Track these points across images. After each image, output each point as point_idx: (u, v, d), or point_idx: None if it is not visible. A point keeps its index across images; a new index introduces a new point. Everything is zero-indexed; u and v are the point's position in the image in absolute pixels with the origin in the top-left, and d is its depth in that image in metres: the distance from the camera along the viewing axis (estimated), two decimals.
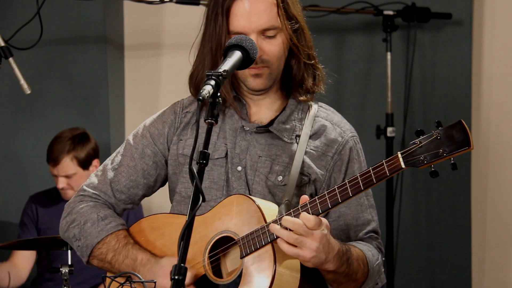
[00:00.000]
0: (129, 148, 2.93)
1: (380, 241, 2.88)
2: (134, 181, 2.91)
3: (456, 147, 2.38)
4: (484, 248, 5.36)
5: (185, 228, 2.26)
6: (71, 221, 2.89)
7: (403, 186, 5.20)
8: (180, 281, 2.22)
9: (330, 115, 2.89)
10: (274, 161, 2.79)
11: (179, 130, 2.89)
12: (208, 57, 2.79)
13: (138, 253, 2.80)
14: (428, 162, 2.41)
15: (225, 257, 2.74)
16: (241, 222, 2.66)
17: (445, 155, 2.39)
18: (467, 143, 2.36)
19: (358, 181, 2.51)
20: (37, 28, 3.76)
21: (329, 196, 2.55)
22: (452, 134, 2.38)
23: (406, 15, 5.21)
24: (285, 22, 2.75)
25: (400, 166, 2.45)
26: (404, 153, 2.44)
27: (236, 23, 2.73)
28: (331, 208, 2.56)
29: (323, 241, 2.55)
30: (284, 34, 2.76)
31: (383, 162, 2.47)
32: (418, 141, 2.43)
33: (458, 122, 2.39)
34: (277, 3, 2.75)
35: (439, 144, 2.40)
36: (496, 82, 5.32)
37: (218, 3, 2.76)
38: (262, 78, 2.77)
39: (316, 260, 2.57)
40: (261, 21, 2.72)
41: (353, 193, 2.52)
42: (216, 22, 2.75)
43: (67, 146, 4.71)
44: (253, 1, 2.73)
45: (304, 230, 2.53)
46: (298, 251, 2.55)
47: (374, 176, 2.48)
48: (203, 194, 2.27)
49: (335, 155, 2.83)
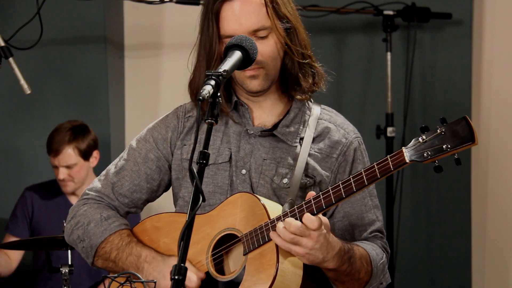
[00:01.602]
0: (132, 153, 2.93)
1: (386, 241, 2.89)
2: (137, 185, 2.91)
3: (460, 142, 2.39)
4: (484, 248, 5.36)
5: (185, 228, 2.26)
6: (75, 223, 2.90)
7: (403, 186, 5.20)
8: (180, 281, 2.23)
9: (333, 117, 2.90)
10: (279, 163, 2.80)
11: (183, 135, 2.90)
12: (203, 64, 2.80)
13: (142, 250, 2.81)
14: (432, 157, 2.43)
15: (229, 255, 2.74)
16: (246, 219, 2.67)
17: (449, 150, 2.40)
18: (472, 138, 2.37)
19: (362, 176, 2.52)
20: (37, 28, 3.76)
21: (333, 192, 2.56)
22: (457, 130, 2.40)
23: (406, 15, 5.21)
24: (276, 21, 2.75)
25: (405, 161, 2.46)
26: (409, 148, 2.45)
27: (226, 27, 2.73)
28: (334, 203, 2.56)
29: (320, 240, 2.55)
30: (276, 34, 2.76)
31: (387, 157, 2.48)
32: (422, 136, 2.44)
33: (463, 117, 2.41)
34: (265, 3, 2.75)
35: (443, 139, 2.41)
36: (496, 82, 5.32)
37: (208, 8, 2.77)
38: (259, 79, 2.77)
39: (312, 258, 2.58)
40: (251, 22, 2.72)
41: (357, 188, 2.53)
42: (208, 28, 2.76)
43: (67, 136, 4.72)
44: (242, 3, 2.74)
45: (301, 231, 2.54)
46: (290, 246, 2.56)
47: (379, 171, 2.49)
48: (203, 194, 2.28)
49: (339, 156, 2.84)
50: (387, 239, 5.04)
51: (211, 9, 2.75)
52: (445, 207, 5.38)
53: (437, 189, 5.37)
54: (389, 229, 5.06)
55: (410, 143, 2.46)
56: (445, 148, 2.40)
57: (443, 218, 5.38)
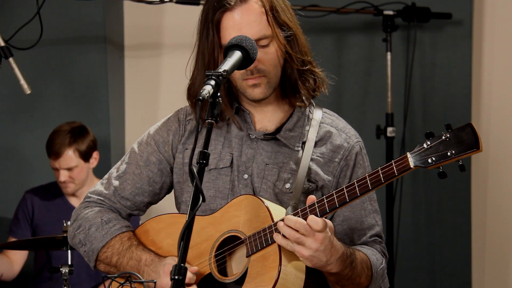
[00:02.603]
0: (134, 156, 2.94)
1: (384, 245, 2.89)
2: (139, 188, 2.91)
3: (464, 149, 2.40)
4: (484, 248, 5.36)
5: (185, 229, 2.27)
6: (77, 227, 2.91)
7: (403, 186, 5.20)
8: (180, 281, 2.23)
9: (335, 121, 2.90)
10: (282, 168, 2.80)
11: (184, 138, 2.90)
12: (202, 72, 2.79)
13: (142, 254, 2.81)
14: (436, 163, 2.43)
15: (231, 256, 2.74)
16: (249, 221, 2.67)
17: (454, 157, 2.41)
18: (477, 145, 2.38)
19: (366, 180, 2.52)
20: (37, 28, 3.76)
21: (337, 196, 2.56)
22: (462, 136, 2.40)
23: (406, 15, 5.21)
24: (276, 30, 2.75)
25: (409, 166, 2.46)
26: (413, 153, 2.46)
27: (228, 36, 2.71)
28: (338, 207, 2.57)
29: (325, 242, 2.55)
30: (276, 42, 2.76)
31: (392, 162, 2.49)
32: (427, 142, 2.45)
33: (468, 124, 2.41)
34: (265, 11, 2.74)
35: (448, 145, 2.42)
36: (496, 82, 5.32)
37: (208, 17, 2.76)
38: (261, 88, 2.77)
39: (316, 261, 2.58)
40: (252, 31, 2.71)
41: (361, 192, 2.53)
42: (208, 37, 2.76)
43: (67, 138, 4.73)
44: (242, 13, 2.73)
45: (306, 229, 2.54)
46: (295, 247, 2.56)
47: (383, 176, 2.50)
48: (203, 194, 2.28)
49: (341, 161, 2.84)
50: (387, 240, 5.08)
51: (212, 19, 2.74)
52: (445, 208, 5.38)
53: (437, 189, 5.37)
54: (389, 229, 5.06)
55: (415, 149, 2.47)
56: (450, 155, 2.41)
57: (443, 218, 5.38)
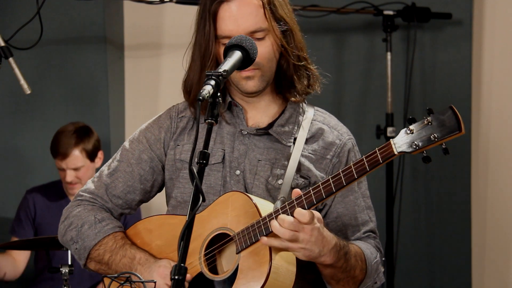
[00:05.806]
0: (126, 154, 2.94)
1: (379, 241, 2.89)
2: (130, 186, 2.91)
3: (447, 132, 2.41)
4: (484, 248, 5.36)
5: (185, 228, 2.27)
6: (69, 224, 2.90)
7: (403, 186, 5.20)
8: (180, 281, 2.23)
9: (327, 119, 2.91)
10: (274, 164, 2.81)
11: (176, 135, 2.90)
12: (198, 63, 2.80)
13: (137, 252, 2.81)
14: (420, 148, 2.44)
15: (221, 254, 2.74)
16: (237, 218, 2.67)
17: (437, 140, 2.42)
18: (458, 127, 2.39)
19: (351, 169, 2.53)
20: (37, 28, 3.76)
21: (323, 186, 2.56)
22: (443, 119, 2.42)
23: (406, 15, 5.21)
24: (273, 23, 2.76)
25: (393, 153, 2.46)
26: (397, 140, 2.46)
27: (224, 27, 2.74)
28: (325, 198, 2.57)
29: (314, 234, 2.56)
30: (272, 35, 2.77)
31: (376, 150, 2.50)
32: (410, 127, 2.45)
33: (449, 107, 2.43)
34: (263, 4, 2.75)
35: (430, 130, 2.43)
36: (496, 82, 5.33)
37: (205, 8, 2.77)
38: (254, 80, 2.78)
39: (308, 253, 2.58)
40: (248, 23, 2.73)
41: (347, 181, 2.53)
42: (204, 27, 2.77)
43: (73, 139, 4.73)
44: (240, 4, 2.74)
45: (294, 226, 2.54)
46: (287, 244, 2.57)
47: (368, 163, 2.50)
48: (203, 194, 2.29)
49: (333, 158, 2.85)
50: (387, 239, 5.09)
51: (209, 9, 2.76)
52: (445, 207, 5.38)
53: (437, 189, 5.36)
54: (389, 229, 5.06)
55: (398, 135, 2.47)
56: (433, 139, 2.42)
57: (443, 218, 5.38)
